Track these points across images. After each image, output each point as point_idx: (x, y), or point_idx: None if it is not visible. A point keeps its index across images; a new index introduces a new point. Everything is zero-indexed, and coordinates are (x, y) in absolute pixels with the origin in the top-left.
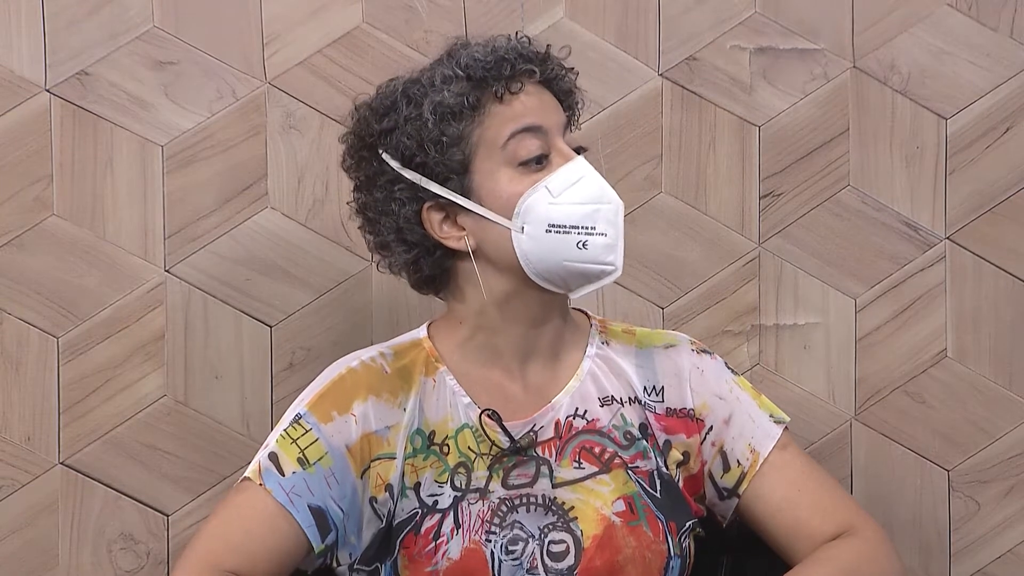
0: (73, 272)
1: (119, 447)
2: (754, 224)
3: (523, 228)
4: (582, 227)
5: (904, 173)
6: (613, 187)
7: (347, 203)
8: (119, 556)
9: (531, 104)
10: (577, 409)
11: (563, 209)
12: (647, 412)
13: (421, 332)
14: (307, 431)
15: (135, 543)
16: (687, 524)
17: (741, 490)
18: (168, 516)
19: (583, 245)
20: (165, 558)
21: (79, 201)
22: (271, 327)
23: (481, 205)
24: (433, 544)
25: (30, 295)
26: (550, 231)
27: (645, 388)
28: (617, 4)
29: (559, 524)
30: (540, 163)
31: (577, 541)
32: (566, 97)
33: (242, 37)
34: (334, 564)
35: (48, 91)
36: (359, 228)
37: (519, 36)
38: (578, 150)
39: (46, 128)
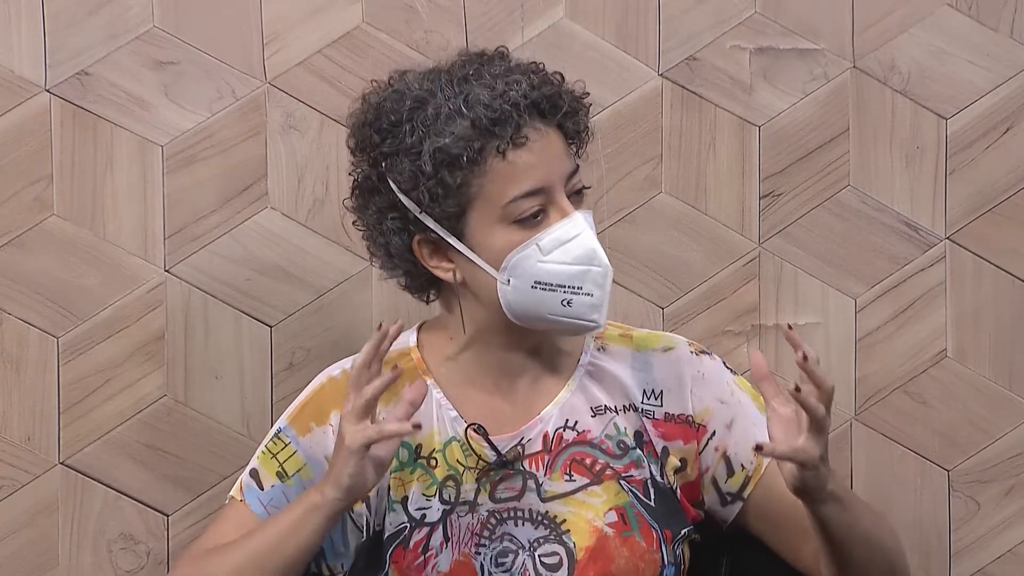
0: (73, 272)
1: (119, 447)
2: (754, 224)
3: (509, 281)
4: (569, 286)
5: (904, 173)
6: (613, 187)
7: (343, 201)
8: (119, 556)
9: (534, 161)
10: (567, 421)
11: (551, 268)
12: (644, 419)
13: (411, 338)
14: (286, 445)
15: (135, 543)
16: (682, 532)
17: (746, 493)
18: (168, 516)
19: (568, 303)
20: (165, 558)
21: (79, 201)
22: (271, 327)
23: (472, 250)
24: (422, 558)
25: (30, 295)
26: (536, 287)
27: (644, 391)
28: (617, 4)
29: (551, 537)
30: (536, 217)
31: (570, 553)
32: (574, 136)
33: (242, 37)
34: (326, 574)
35: (48, 91)
36: (353, 223)
37: (531, 77)
38: (580, 191)
39: (46, 128)
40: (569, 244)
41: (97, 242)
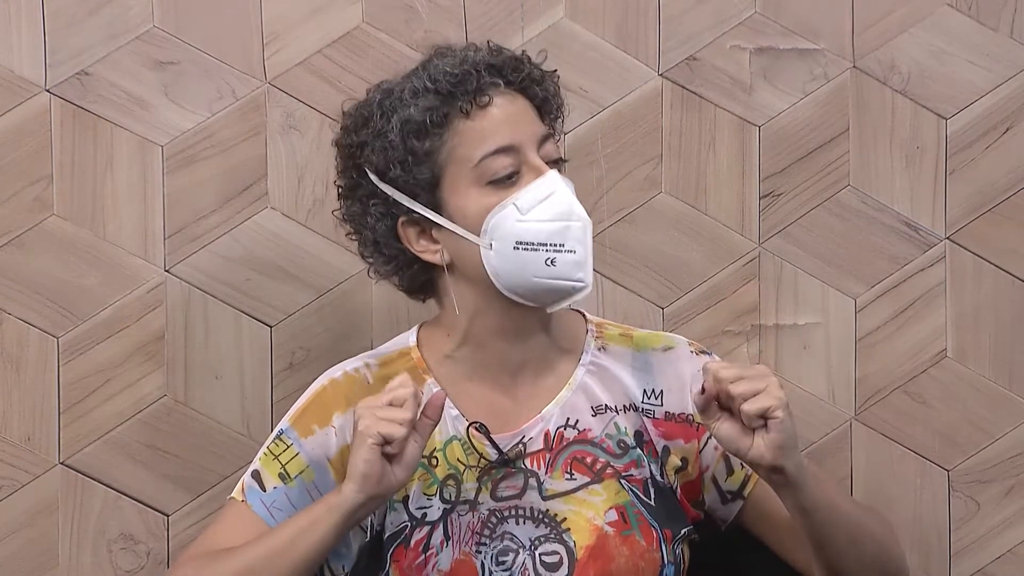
0: (73, 272)
1: (119, 447)
2: (754, 224)
3: (491, 244)
4: (550, 244)
5: (904, 173)
6: (613, 187)
7: (333, 212)
8: (119, 556)
9: (500, 120)
10: (568, 419)
11: (531, 226)
12: (644, 418)
13: (411, 339)
14: (288, 446)
15: (135, 543)
16: (682, 531)
17: (746, 492)
18: (168, 516)
19: (552, 262)
20: (165, 558)
21: (79, 201)
22: (271, 327)
23: (451, 220)
24: (423, 556)
25: (30, 295)
26: (518, 248)
27: (645, 391)
28: (617, 4)
29: (551, 535)
30: (511, 179)
31: (570, 552)
32: (543, 104)
33: (242, 37)
34: (327, 575)
35: (48, 91)
36: (347, 235)
37: (491, 45)
38: (557, 162)
39: (46, 128)
40: (546, 201)
41: (97, 242)
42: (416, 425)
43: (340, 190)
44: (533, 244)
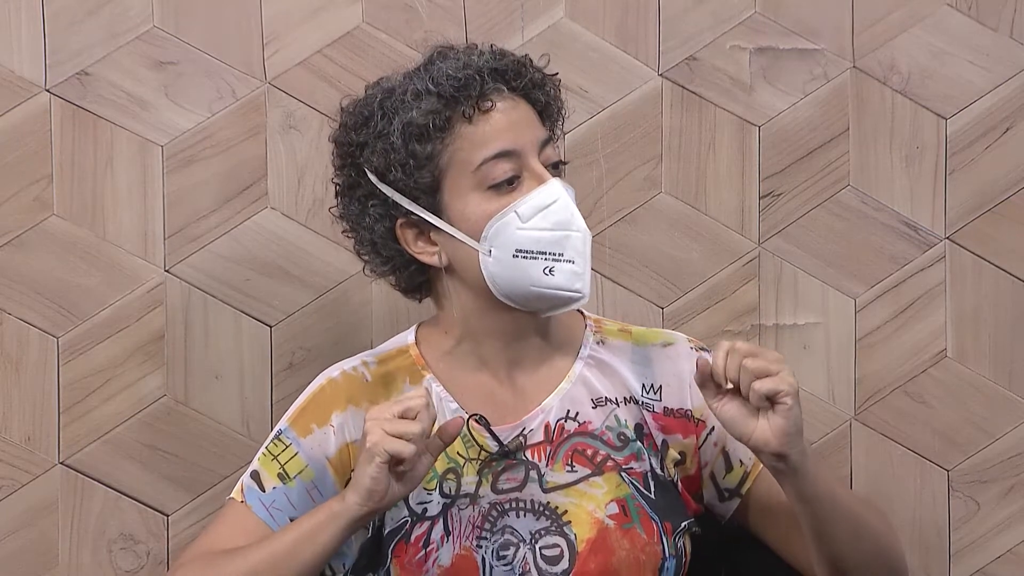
0: (73, 272)
1: (119, 447)
2: (754, 224)
3: (490, 251)
4: (549, 253)
5: (904, 173)
6: (613, 187)
7: (329, 209)
8: (119, 556)
9: (503, 125)
10: (568, 411)
11: (531, 235)
12: (644, 412)
13: (409, 337)
14: (287, 446)
15: (135, 543)
16: (683, 524)
17: (744, 490)
18: (168, 516)
19: (550, 271)
20: (165, 558)
21: (79, 201)
22: (271, 327)
23: (451, 224)
24: (424, 552)
25: (30, 295)
26: (517, 256)
27: (643, 386)
28: (617, 4)
29: (552, 528)
30: (512, 184)
31: (571, 545)
32: (545, 109)
33: (242, 37)
34: (328, 573)
35: (48, 91)
36: (343, 232)
37: (494, 48)
38: (556, 165)
39: (46, 128)
40: (547, 210)
41: (97, 242)
42: (428, 444)
43: (337, 187)
44: (532, 252)
